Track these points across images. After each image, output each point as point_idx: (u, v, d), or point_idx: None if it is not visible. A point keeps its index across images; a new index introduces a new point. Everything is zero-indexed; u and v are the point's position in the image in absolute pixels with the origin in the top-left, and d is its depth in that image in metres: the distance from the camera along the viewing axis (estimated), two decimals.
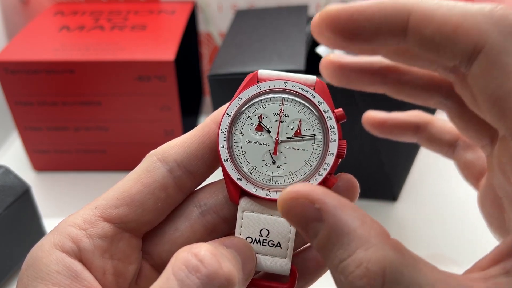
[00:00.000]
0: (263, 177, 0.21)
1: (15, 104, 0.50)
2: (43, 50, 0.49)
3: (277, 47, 0.43)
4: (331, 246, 0.17)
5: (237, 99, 0.22)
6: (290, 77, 0.22)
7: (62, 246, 0.19)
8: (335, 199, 0.17)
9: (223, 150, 0.21)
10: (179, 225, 0.22)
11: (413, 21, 0.18)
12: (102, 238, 0.20)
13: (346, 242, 0.17)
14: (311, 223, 0.18)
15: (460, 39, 0.18)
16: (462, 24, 0.17)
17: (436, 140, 0.30)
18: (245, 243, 0.21)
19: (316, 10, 0.60)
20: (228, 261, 0.18)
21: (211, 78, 0.41)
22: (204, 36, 0.64)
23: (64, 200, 0.51)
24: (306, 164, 0.21)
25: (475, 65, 0.18)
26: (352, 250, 0.16)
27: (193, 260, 0.17)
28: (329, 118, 0.21)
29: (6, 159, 0.57)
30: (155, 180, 0.21)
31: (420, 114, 0.31)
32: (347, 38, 0.20)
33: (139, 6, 0.60)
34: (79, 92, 0.49)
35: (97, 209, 0.21)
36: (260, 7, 0.55)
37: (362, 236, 0.17)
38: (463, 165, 0.29)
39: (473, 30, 0.17)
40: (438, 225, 0.48)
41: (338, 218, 0.17)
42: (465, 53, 0.18)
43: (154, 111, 0.50)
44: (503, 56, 0.17)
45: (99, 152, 0.54)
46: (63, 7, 0.60)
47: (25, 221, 0.40)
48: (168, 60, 0.47)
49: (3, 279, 0.39)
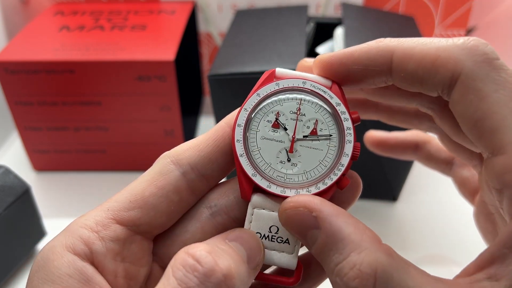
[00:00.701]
0: (277, 174, 0.21)
1: (15, 104, 0.50)
2: (43, 50, 0.49)
3: (277, 47, 0.43)
4: (327, 251, 0.19)
5: (255, 95, 0.22)
6: (307, 77, 0.22)
7: (74, 249, 0.19)
8: (331, 208, 0.19)
9: (239, 144, 0.21)
10: (190, 227, 0.22)
11: (396, 59, 0.20)
12: (114, 241, 0.20)
13: (341, 247, 0.18)
14: (309, 231, 0.19)
15: (439, 70, 0.19)
16: (440, 57, 0.19)
17: (434, 158, 0.32)
18: (250, 234, 0.21)
19: (316, 10, 0.60)
20: (227, 256, 0.19)
21: (211, 78, 0.41)
22: (204, 36, 0.64)
23: (64, 200, 0.51)
24: (320, 164, 0.21)
25: (454, 92, 0.19)
26: (347, 254, 0.18)
27: (190, 260, 0.18)
28: (346, 120, 0.21)
29: (6, 159, 0.57)
30: (169, 183, 0.21)
31: (419, 134, 0.33)
32: (340, 81, 0.22)
33: (139, 6, 0.60)
34: (79, 92, 0.49)
35: (109, 211, 0.20)
36: (260, 7, 0.55)
37: (355, 241, 0.18)
38: (459, 182, 0.31)
39: (449, 60, 0.19)
40: (438, 225, 0.48)
41: (334, 225, 0.19)
42: (445, 82, 0.20)
43: (154, 111, 0.50)
44: (477, 82, 0.19)
45: (99, 152, 0.54)
46: (63, 7, 0.60)
47: (25, 221, 0.40)
48: (168, 60, 0.47)
49: (4, 278, 0.39)
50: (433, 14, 0.61)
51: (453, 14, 0.61)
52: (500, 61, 0.19)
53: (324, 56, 0.22)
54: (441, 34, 0.62)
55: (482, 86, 0.19)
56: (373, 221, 0.48)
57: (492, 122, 0.18)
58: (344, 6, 0.51)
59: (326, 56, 0.22)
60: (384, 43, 0.21)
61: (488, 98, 0.18)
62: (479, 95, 0.19)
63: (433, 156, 0.32)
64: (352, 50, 0.21)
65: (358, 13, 0.50)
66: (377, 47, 0.21)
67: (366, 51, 0.21)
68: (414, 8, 0.60)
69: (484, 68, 0.19)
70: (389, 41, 0.21)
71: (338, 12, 0.61)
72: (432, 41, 0.20)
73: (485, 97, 0.18)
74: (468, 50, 0.19)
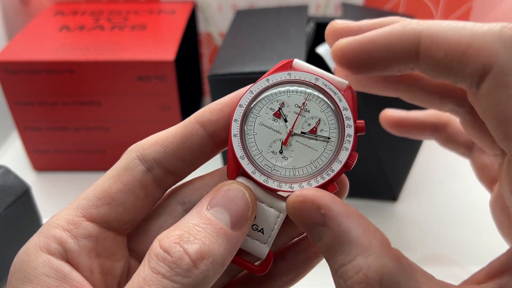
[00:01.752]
0: (265, 163, 0.21)
1: (15, 104, 0.50)
2: (43, 50, 0.49)
3: (277, 47, 0.43)
4: (333, 251, 0.18)
5: (264, 80, 0.21)
6: (322, 75, 0.21)
7: (48, 249, 0.19)
8: (341, 207, 0.18)
9: (235, 124, 0.21)
10: (164, 223, 0.22)
11: (424, 46, 0.18)
12: (87, 238, 0.20)
13: (347, 249, 0.18)
14: (316, 227, 0.18)
15: (470, 61, 0.17)
16: (472, 45, 0.17)
17: (453, 141, 0.30)
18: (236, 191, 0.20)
19: (316, 10, 0.60)
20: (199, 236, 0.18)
21: (211, 78, 0.41)
22: (204, 36, 0.64)
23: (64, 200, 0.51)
24: (311, 164, 0.21)
25: (484, 85, 0.18)
26: (353, 257, 0.17)
27: (161, 252, 0.18)
28: (348, 126, 0.21)
29: (6, 159, 0.57)
30: (134, 178, 0.21)
31: (439, 114, 0.31)
32: (362, 70, 0.20)
33: (139, 6, 0.60)
34: (79, 92, 0.49)
35: (78, 209, 0.21)
36: (260, 7, 0.55)
37: (364, 244, 0.17)
38: (478, 167, 0.29)
39: (483, 51, 0.17)
40: (438, 225, 0.48)
41: (342, 225, 0.18)
42: (475, 74, 0.18)
43: (154, 111, 0.50)
44: (509, 77, 0.17)
45: (99, 152, 0.54)
46: (63, 7, 0.60)
47: (25, 221, 0.40)
48: (168, 60, 0.47)
49: (3, 279, 0.39)
50: (433, 14, 0.61)
51: (453, 14, 0.61)
52: None
53: (342, 43, 0.20)
54: None
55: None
56: (373, 221, 0.48)
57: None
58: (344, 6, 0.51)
59: (345, 43, 0.20)
60: (410, 27, 0.19)
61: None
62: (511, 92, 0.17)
63: (452, 138, 0.30)
64: (375, 36, 0.19)
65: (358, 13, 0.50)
66: (403, 31, 0.19)
67: (391, 37, 0.19)
68: (414, 8, 0.60)
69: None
70: (416, 25, 0.19)
71: (338, 12, 0.61)
72: (465, 26, 0.18)
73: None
74: (505, 39, 0.17)
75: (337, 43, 0.21)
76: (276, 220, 0.21)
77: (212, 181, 0.23)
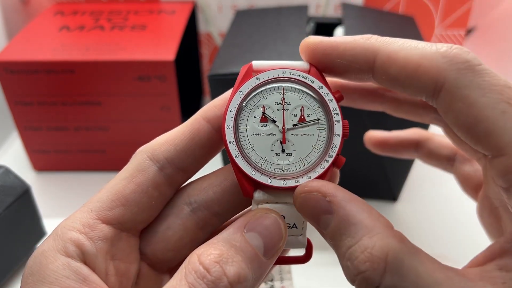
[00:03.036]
0: (275, 167, 0.21)
1: (15, 104, 0.50)
2: (43, 50, 0.49)
3: (277, 47, 0.43)
4: (340, 236, 0.19)
5: (238, 93, 0.22)
6: (285, 65, 0.22)
7: (66, 251, 0.20)
8: (344, 193, 0.20)
9: (232, 146, 0.21)
10: (171, 224, 0.23)
11: (379, 61, 0.20)
12: (103, 240, 0.20)
13: (353, 231, 0.19)
14: (323, 216, 0.20)
15: (421, 78, 0.19)
16: (422, 64, 0.19)
17: (435, 155, 0.32)
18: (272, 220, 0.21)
19: (316, 10, 0.60)
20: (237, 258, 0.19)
21: (211, 78, 0.41)
22: (204, 36, 0.64)
23: (64, 200, 0.51)
24: (314, 148, 0.21)
25: (440, 100, 0.20)
26: (359, 238, 0.18)
27: (200, 268, 0.18)
28: (330, 101, 0.21)
29: (6, 159, 0.57)
30: (147, 179, 0.21)
31: (420, 131, 0.33)
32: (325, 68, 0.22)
33: (139, 6, 0.60)
34: (79, 92, 0.49)
35: (93, 212, 0.21)
36: (260, 7, 0.55)
37: (368, 226, 0.19)
38: (462, 178, 0.31)
39: (432, 69, 0.19)
40: (438, 225, 0.48)
41: (347, 209, 0.19)
42: (428, 90, 0.20)
43: (154, 111, 0.50)
44: (462, 90, 0.19)
45: (99, 152, 0.54)
46: (63, 7, 0.60)
47: (25, 221, 0.40)
48: (168, 60, 0.47)
49: (3, 279, 0.39)
50: (433, 14, 0.61)
51: (453, 14, 0.61)
52: (482, 66, 0.19)
53: (310, 41, 0.22)
54: (441, 34, 0.62)
55: (468, 93, 0.19)
56: None
57: (485, 126, 0.18)
58: (344, 6, 0.51)
59: (312, 42, 0.22)
60: (370, 42, 0.21)
61: (477, 104, 0.18)
62: (467, 102, 0.19)
63: (434, 153, 0.32)
64: (338, 42, 0.21)
65: (358, 13, 0.50)
66: (363, 44, 0.21)
67: (351, 47, 0.21)
68: (414, 8, 0.60)
69: (468, 75, 0.19)
70: (375, 41, 0.21)
71: (338, 12, 0.61)
72: (417, 46, 0.20)
73: (473, 103, 0.19)
74: (451, 59, 0.19)
75: (307, 40, 0.22)
76: None
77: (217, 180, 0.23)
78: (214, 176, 0.23)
